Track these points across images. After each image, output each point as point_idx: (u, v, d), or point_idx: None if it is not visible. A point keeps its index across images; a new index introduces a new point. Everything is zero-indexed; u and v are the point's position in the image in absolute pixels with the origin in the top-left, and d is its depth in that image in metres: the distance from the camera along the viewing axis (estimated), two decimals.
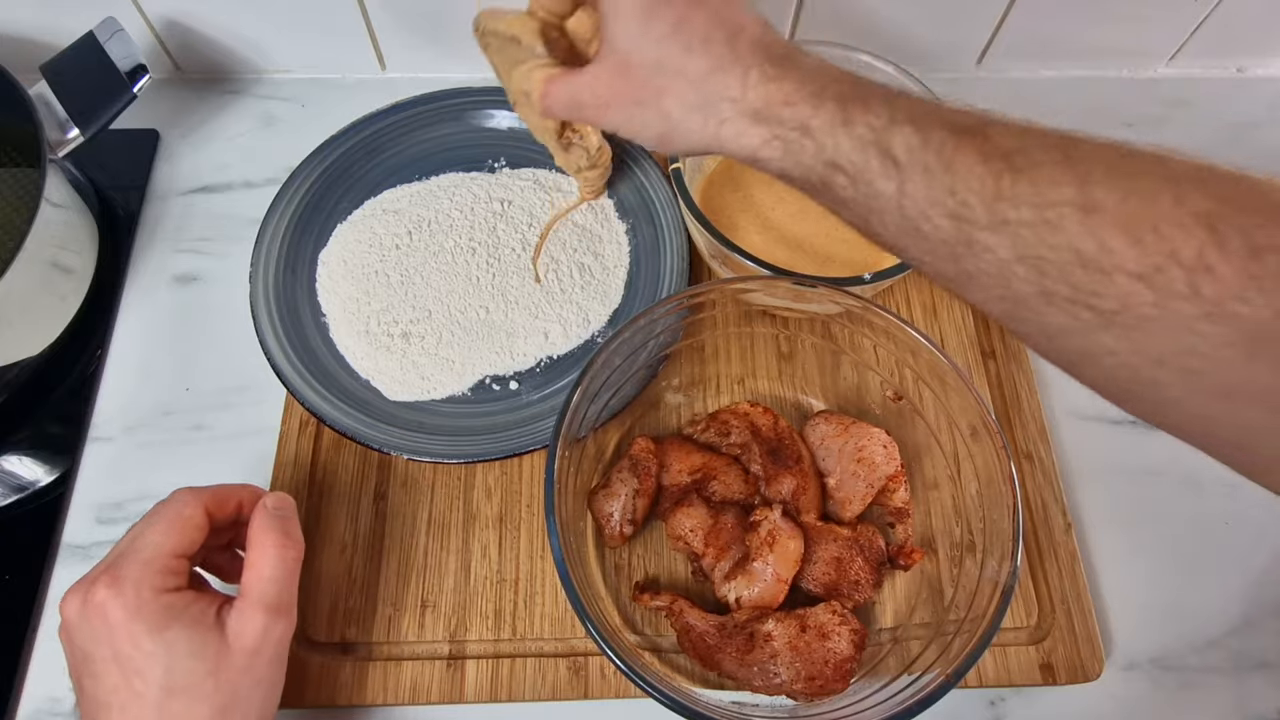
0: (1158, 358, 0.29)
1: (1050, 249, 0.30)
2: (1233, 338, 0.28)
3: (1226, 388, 0.29)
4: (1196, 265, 0.27)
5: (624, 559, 0.52)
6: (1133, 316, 0.29)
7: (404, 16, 0.66)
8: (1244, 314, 0.27)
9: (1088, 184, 0.30)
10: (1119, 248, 0.29)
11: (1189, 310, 0.28)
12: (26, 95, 0.54)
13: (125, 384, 0.58)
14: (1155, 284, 0.28)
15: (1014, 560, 0.44)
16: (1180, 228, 0.28)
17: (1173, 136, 0.70)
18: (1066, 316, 0.31)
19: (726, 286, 0.52)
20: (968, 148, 0.31)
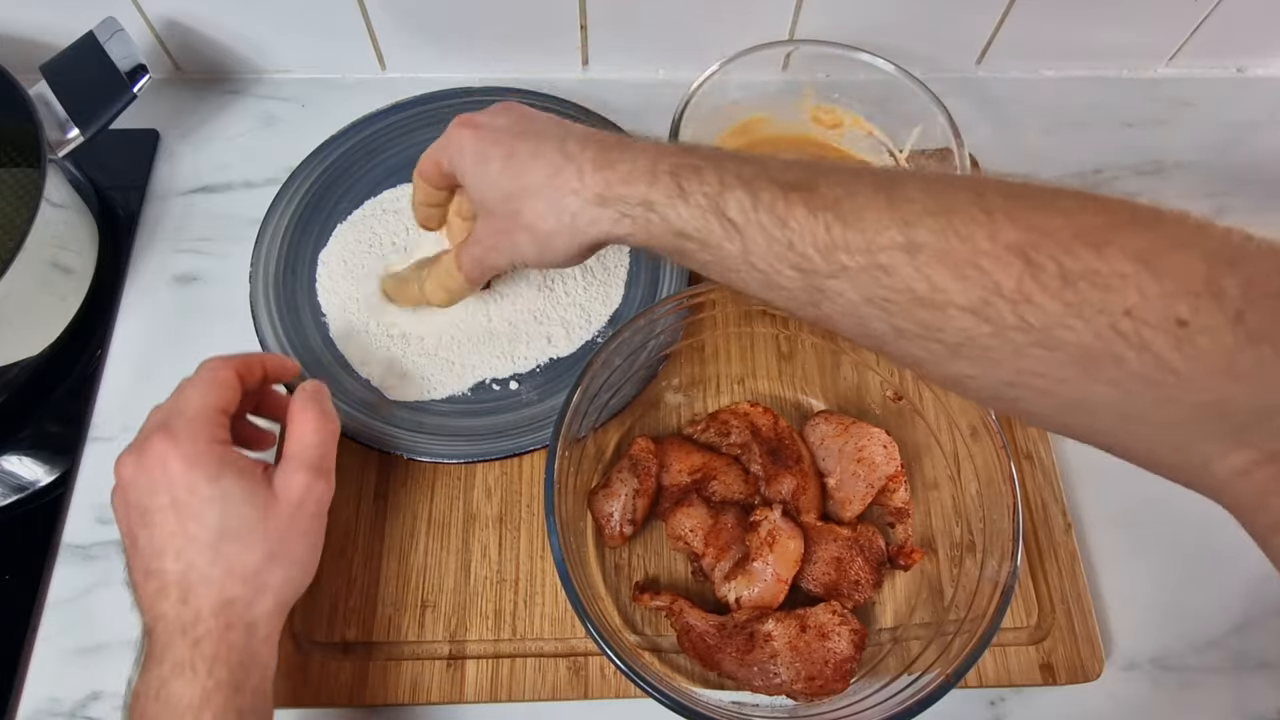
0: (1008, 381, 0.31)
1: (889, 290, 0.32)
2: (1065, 360, 0.29)
3: (1073, 402, 0.31)
4: (1018, 297, 0.29)
5: (624, 559, 0.52)
6: (976, 347, 0.31)
7: (404, 16, 0.66)
8: (1070, 340, 0.29)
9: (910, 225, 0.31)
10: (947, 285, 0.31)
11: (1022, 339, 0.30)
12: (26, 95, 0.54)
13: (125, 384, 0.58)
14: (987, 316, 0.30)
15: (1014, 560, 0.44)
16: (998, 261, 0.30)
17: (1173, 136, 0.71)
18: (921, 350, 0.33)
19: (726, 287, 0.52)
20: (796, 202, 0.33)
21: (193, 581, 0.38)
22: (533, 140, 0.40)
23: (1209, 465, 0.30)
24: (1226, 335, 0.27)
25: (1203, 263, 0.28)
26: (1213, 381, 0.28)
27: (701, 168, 0.36)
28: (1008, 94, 0.72)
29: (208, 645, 0.38)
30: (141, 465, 0.40)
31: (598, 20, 0.66)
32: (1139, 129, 0.71)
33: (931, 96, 0.56)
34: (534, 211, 0.40)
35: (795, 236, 0.33)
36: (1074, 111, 0.72)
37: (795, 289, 0.35)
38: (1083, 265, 0.29)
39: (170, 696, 0.37)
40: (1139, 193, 0.32)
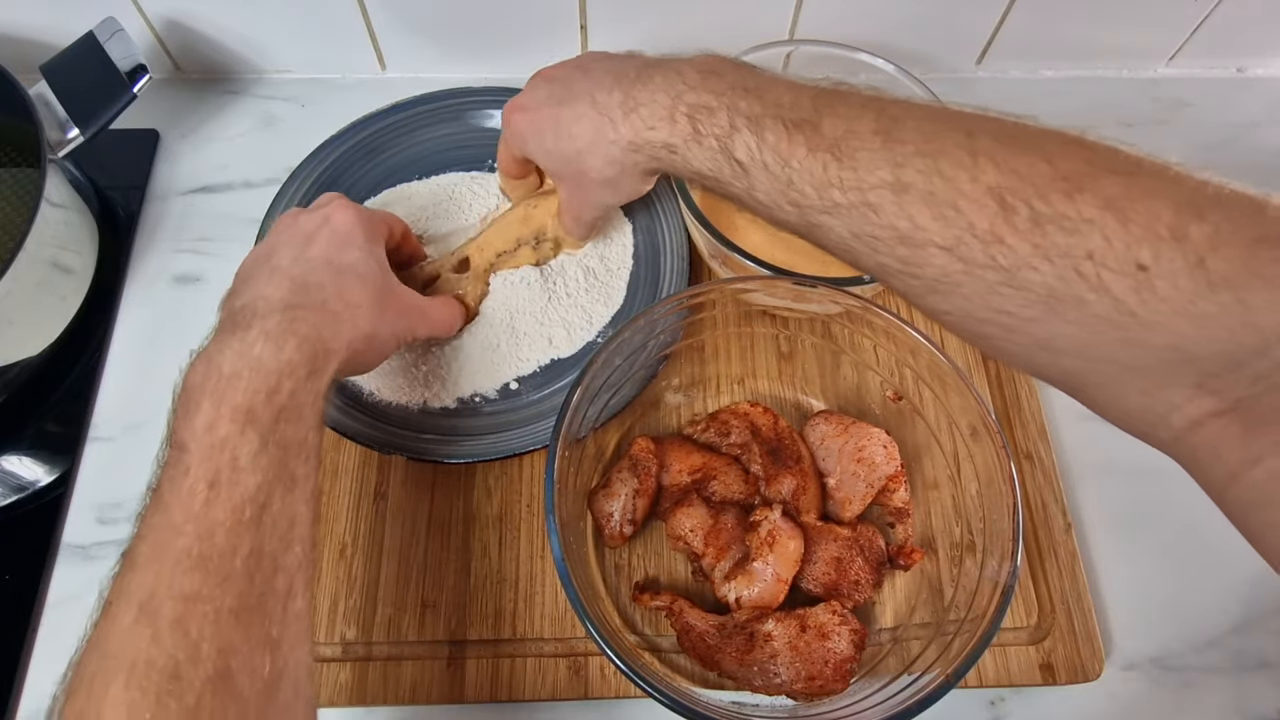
0: (980, 318, 0.33)
1: (875, 227, 0.34)
2: (1032, 300, 0.31)
3: (1041, 341, 0.32)
4: (989, 237, 0.31)
5: (624, 559, 0.52)
6: (949, 284, 0.33)
7: (404, 16, 0.66)
8: (1036, 281, 0.30)
9: (900, 166, 0.33)
10: (927, 224, 0.32)
11: (992, 278, 0.31)
12: (26, 95, 0.54)
13: (125, 384, 0.58)
14: (960, 255, 0.32)
15: (1014, 560, 0.44)
16: (975, 203, 0.31)
17: (1173, 136, 0.71)
18: (903, 285, 0.35)
19: (726, 286, 0.52)
20: (798, 141, 0.36)
21: (310, 281, 0.42)
22: (570, 104, 0.44)
23: (1170, 417, 0.31)
24: (1186, 280, 0.28)
25: (1170, 210, 0.29)
26: (1174, 324, 0.28)
27: (714, 109, 0.38)
28: (1008, 94, 0.72)
29: (302, 325, 0.39)
30: (318, 210, 0.46)
31: (598, 20, 0.66)
32: (1139, 129, 0.71)
33: (931, 96, 0.56)
34: (594, 167, 0.44)
35: (795, 174, 0.36)
36: (1074, 111, 0.71)
37: (794, 222, 0.38)
38: (1053, 210, 0.30)
39: (254, 358, 0.37)
40: None
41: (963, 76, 0.73)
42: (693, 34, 0.67)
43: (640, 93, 0.41)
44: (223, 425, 0.35)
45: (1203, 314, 0.28)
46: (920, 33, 0.69)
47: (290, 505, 0.36)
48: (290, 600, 0.35)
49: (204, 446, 0.35)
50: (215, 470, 0.34)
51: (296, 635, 0.34)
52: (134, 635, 0.31)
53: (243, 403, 0.36)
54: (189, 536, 0.33)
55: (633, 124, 0.41)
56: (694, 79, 0.40)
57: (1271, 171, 0.69)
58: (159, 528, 0.33)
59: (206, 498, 0.34)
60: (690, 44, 0.67)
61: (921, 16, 0.67)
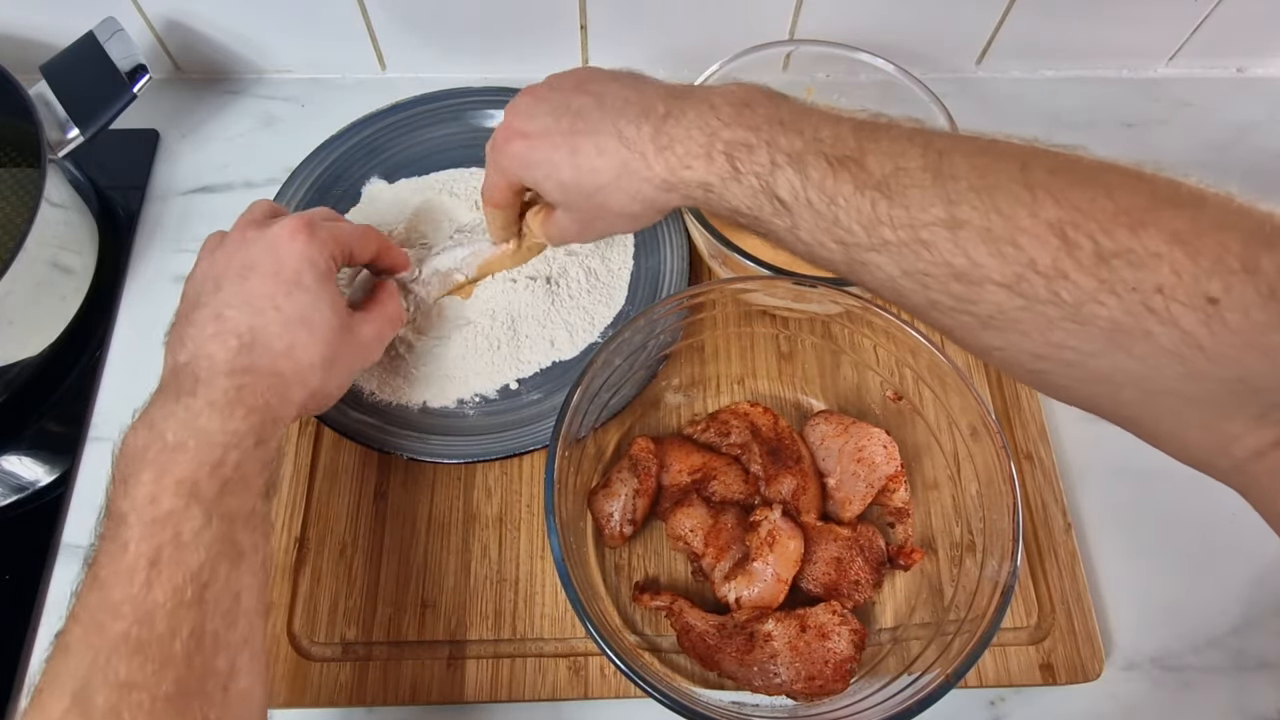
0: (1036, 353, 0.32)
1: (928, 264, 0.33)
2: (1095, 335, 0.30)
3: (1100, 375, 0.32)
4: (1053, 273, 0.30)
5: (624, 559, 0.52)
6: (1006, 320, 0.32)
7: (404, 16, 0.66)
8: (1102, 315, 0.30)
9: (954, 203, 0.32)
10: (984, 261, 0.32)
11: (1054, 313, 0.31)
12: (26, 95, 0.54)
13: (125, 384, 0.58)
14: (1020, 291, 0.31)
15: (1014, 560, 0.44)
16: (1036, 238, 0.31)
17: (1173, 136, 0.71)
18: (953, 321, 0.34)
19: (726, 286, 0.52)
20: (844, 179, 0.35)
21: (258, 339, 0.40)
22: (589, 136, 0.41)
23: (1230, 447, 0.30)
24: (1258, 312, 0.27)
25: (1239, 242, 0.28)
26: (1241, 356, 0.28)
27: (754, 146, 0.37)
28: (1008, 94, 0.72)
29: (249, 395, 0.38)
30: (268, 233, 0.43)
31: (598, 20, 0.66)
32: (1139, 129, 0.71)
33: (931, 96, 0.56)
34: (617, 202, 0.42)
35: (841, 212, 0.35)
36: (1074, 111, 0.72)
37: (837, 260, 0.36)
38: (1118, 244, 0.29)
39: (199, 429, 0.36)
40: None
41: (963, 76, 0.73)
42: (693, 34, 0.67)
43: (674, 129, 0.39)
44: (165, 499, 0.34)
45: (1273, 346, 0.27)
46: (920, 33, 0.68)
47: (235, 580, 0.35)
48: (232, 680, 0.34)
49: (145, 521, 0.34)
50: (157, 548, 0.33)
51: (239, 715, 0.34)
52: None
53: (187, 476, 0.35)
54: (127, 620, 0.32)
55: (667, 161, 0.39)
56: (728, 114, 0.38)
57: (1272, 172, 0.69)
58: (95, 609, 0.32)
59: (147, 577, 0.33)
60: (691, 44, 0.67)
61: (921, 16, 0.67)
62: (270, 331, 0.40)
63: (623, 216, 0.43)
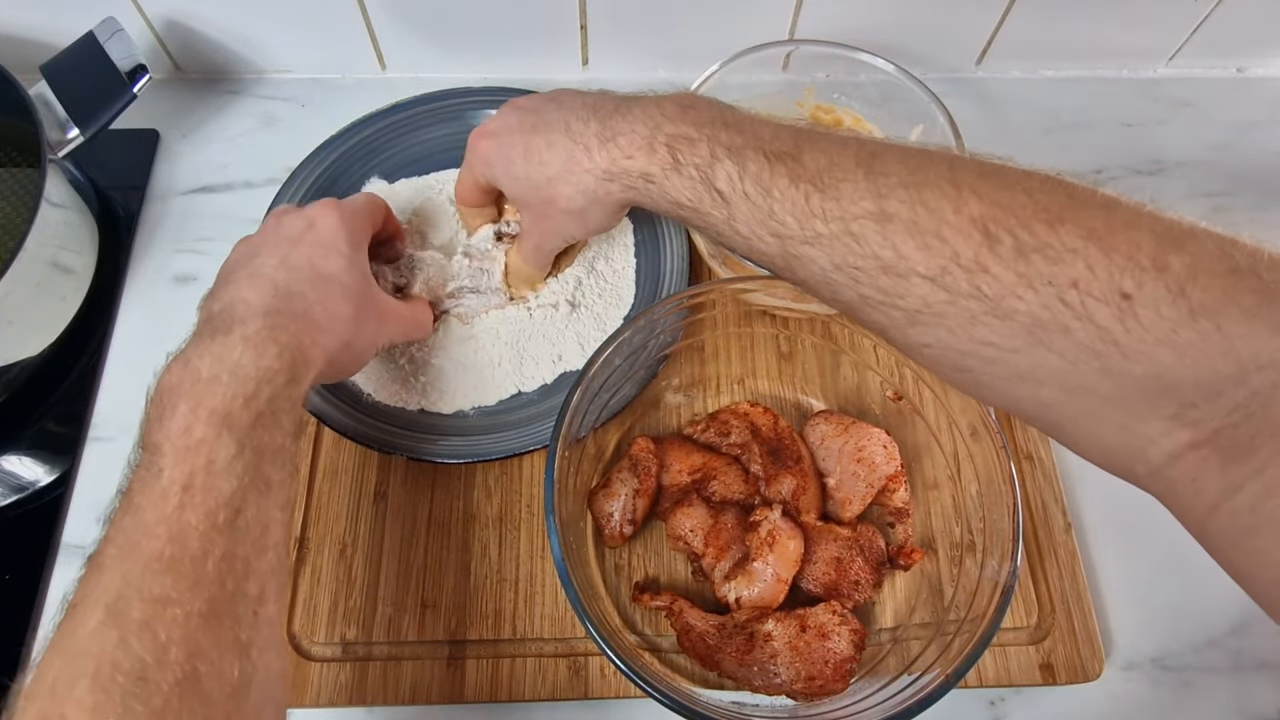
0: (961, 349, 0.33)
1: (858, 257, 0.34)
2: (1016, 329, 0.31)
3: (1021, 373, 0.32)
4: (975, 266, 0.31)
5: (624, 559, 0.52)
6: (931, 314, 0.33)
7: (404, 16, 0.66)
8: (1021, 309, 0.31)
9: (883, 197, 0.33)
10: (911, 254, 0.33)
11: (976, 307, 0.32)
12: (26, 95, 0.54)
13: (125, 384, 0.58)
14: (944, 284, 0.32)
15: (1014, 560, 0.44)
16: (960, 232, 0.32)
17: (1173, 136, 0.71)
18: (883, 317, 0.35)
19: (726, 286, 0.52)
20: (780, 172, 0.36)
21: (293, 288, 0.41)
22: (542, 132, 0.44)
23: (1147, 451, 0.31)
24: (1169, 308, 0.28)
25: (1151, 241, 0.29)
26: (1155, 353, 0.29)
27: (695, 140, 0.39)
28: (1008, 94, 0.72)
29: (283, 333, 0.39)
30: (303, 212, 0.46)
31: (598, 20, 0.66)
32: (1139, 129, 0.71)
33: (931, 96, 0.56)
34: (564, 196, 0.44)
35: (776, 204, 0.36)
36: (1074, 111, 0.72)
37: (773, 254, 0.37)
38: (1037, 239, 0.30)
39: (233, 363, 0.37)
40: (1139, 192, 0.32)
41: (963, 76, 0.73)
42: (693, 34, 0.67)
43: (618, 123, 0.41)
44: (199, 428, 0.35)
45: (1184, 342, 0.28)
46: (920, 33, 0.69)
47: (265, 511, 0.35)
48: (261, 605, 0.34)
49: (179, 449, 0.34)
50: (190, 473, 0.34)
51: (267, 640, 0.34)
52: (100, 637, 0.30)
53: (220, 407, 0.35)
54: (160, 539, 0.32)
55: (609, 152, 0.41)
56: (673, 111, 0.40)
57: (1272, 171, 0.69)
58: (129, 530, 0.33)
59: (180, 501, 0.33)
60: (691, 44, 0.67)
61: (921, 16, 0.67)
62: (304, 283, 0.42)
63: (570, 213, 0.45)
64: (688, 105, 0.40)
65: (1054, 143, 0.70)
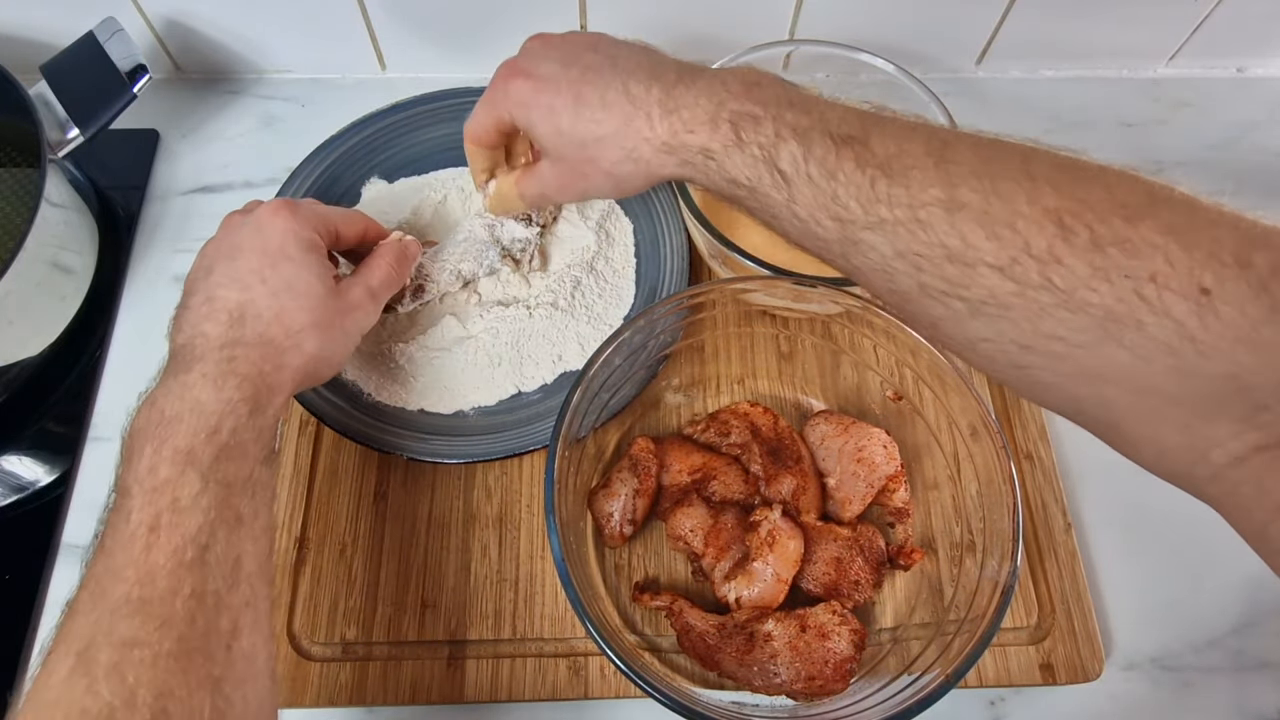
0: (1025, 344, 0.32)
1: (923, 245, 0.33)
2: (1087, 323, 0.30)
3: (1088, 370, 0.31)
4: (1047, 258, 0.30)
5: (624, 559, 0.52)
6: (997, 306, 0.32)
7: (404, 16, 0.66)
8: (1094, 302, 0.30)
9: (954, 185, 0.33)
10: (979, 243, 0.32)
11: (1046, 299, 0.31)
12: (26, 95, 0.54)
13: (125, 384, 0.58)
14: (1014, 275, 0.31)
15: (1014, 560, 0.44)
16: (1033, 223, 0.31)
17: (1173, 136, 0.71)
18: (943, 308, 0.34)
19: (726, 286, 0.52)
20: (847, 156, 0.35)
21: (247, 312, 0.41)
22: (596, 85, 0.41)
23: (1210, 454, 0.30)
24: (1250, 306, 0.27)
25: (1233, 239, 0.29)
26: (1232, 351, 0.28)
27: (760, 118, 0.37)
28: (1008, 94, 0.72)
29: (242, 364, 0.39)
30: (252, 215, 0.45)
31: (598, 20, 0.66)
32: (1139, 129, 0.71)
33: (931, 96, 0.56)
34: (609, 158, 0.42)
35: (840, 188, 0.35)
36: (1074, 111, 0.72)
37: (831, 239, 0.36)
38: (1115, 233, 0.30)
39: (194, 400, 0.37)
40: None
41: (963, 76, 0.73)
42: (693, 34, 0.67)
43: (683, 94, 0.39)
44: (164, 468, 0.35)
45: (1264, 341, 0.27)
46: (920, 33, 0.69)
47: (235, 543, 0.36)
48: (235, 639, 0.34)
49: (146, 490, 0.35)
50: (156, 514, 0.34)
51: (242, 674, 0.34)
52: (70, 685, 0.31)
53: (183, 445, 0.36)
54: (129, 582, 0.33)
55: (671, 125, 0.39)
56: (738, 88, 0.38)
57: (1272, 171, 0.69)
58: (100, 575, 0.33)
59: (147, 541, 0.34)
60: (691, 44, 0.67)
61: (921, 16, 0.67)
62: (258, 303, 0.42)
63: (610, 176, 0.43)
64: (753, 82, 0.39)
65: (1054, 143, 0.69)
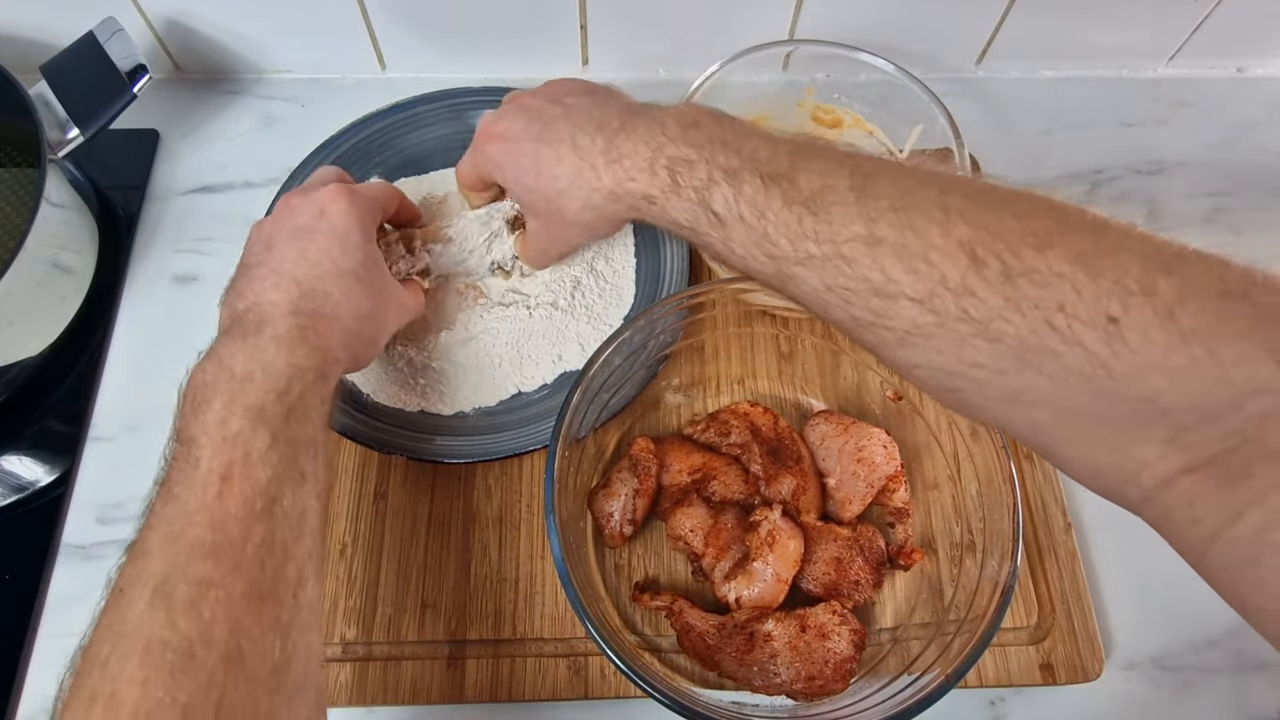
0: (950, 370, 0.33)
1: (848, 279, 0.34)
2: (1004, 352, 0.31)
3: (1013, 395, 0.32)
4: (961, 290, 0.31)
5: (624, 559, 0.52)
6: (920, 336, 0.33)
7: (404, 16, 0.66)
8: (1009, 332, 0.31)
9: (873, 220, 0.34)
10: (899, 276, 0.33)
11: (964, 330, 0.32)
12: (26, 95, 0.54)
13: (125, 384, 0.58)
14: (932, 307, 0.32)
15: (1014, 560, 0.44)
16: (947, 256, 0.32)
17: (1173, 136, 0.71)
18: (874, 337, 0.35)
19: (726, 286, 0.52)
20: (774, 194, 0.36)
21: (316, 287, 0.42)
22: (551, 144, 0.44)
23: (1140, 475, 0.31)
24: (1157, 332, 0.28)
25: (1138, 264, 0.29)
26: (1145, 376, 0.28)
27: (694, 162, 0.39)
28: (1008, 94, 0.72)
29: (311, 334, 0.40)
30: (311, 198, 0.45)
31: (598, 20, 0.66)
32: (1139, 129, 0.71)
33: (931, 96, 0.56)
34: (571, 209, 0.44)
35: (770, 227, 0.36)
36: (1074, 111, 0.72)
37: (769, 273, 0.38)
38: (1023, 263, 0.30)
39: (265, 361, 0.38)
40: (1139, 192, 0.32)
41: (963, 76, 0.73)
42: (693, 34, 0.67)
43: (623, 143, 0.41)
44: (235, 421, 0.36)
45: (1175, 367, 0.28)
46: (920, 33, 0.69)
47: (301, 499, 0.37)
48: (301, 588, 0.36)
49: (216, 441, 0.36)
50: (228, 463, 0.35)
51: (306, 621, 0.35)
52: (149, 617, 0.32)
53: (255, 402, 0.37)
54: (201, 526, 0.34)
55: (614, 173, 0.42)
56: (675, 131, 0.40)
57: (1272, 171, 0.69)
58: (170, 518, 0.34)
59: (219, 489, 0.35)
60: (691, 44, 0.67)
61: (921, 16, 0.67)
62: (327, 281, 0.43)
63: (577, 225, 0.46)
64: (689, 124, 0.40)
65: (1054, 143, 0.70)
